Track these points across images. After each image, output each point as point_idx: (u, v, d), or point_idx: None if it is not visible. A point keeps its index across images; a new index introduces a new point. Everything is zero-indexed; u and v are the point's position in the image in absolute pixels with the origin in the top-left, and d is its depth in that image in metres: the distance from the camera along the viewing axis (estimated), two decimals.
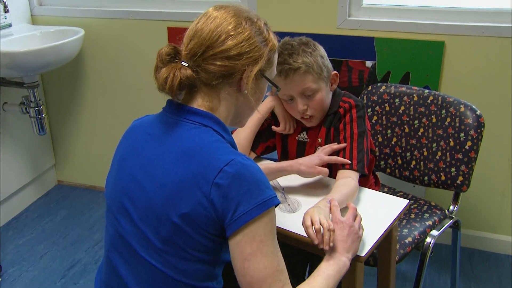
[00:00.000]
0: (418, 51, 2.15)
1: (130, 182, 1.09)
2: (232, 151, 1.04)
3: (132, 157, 1.11)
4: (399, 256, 1.59)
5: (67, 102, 2.84)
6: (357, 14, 2.23)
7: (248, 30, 1.08)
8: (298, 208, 1.40)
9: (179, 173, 1.01)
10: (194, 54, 1.06)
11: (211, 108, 1.09)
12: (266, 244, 1.00)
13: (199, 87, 1.09)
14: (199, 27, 1.08)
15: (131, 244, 1.07)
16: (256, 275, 1.00)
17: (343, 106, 1.52)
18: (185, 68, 1.05)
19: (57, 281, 2.24)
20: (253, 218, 0.98)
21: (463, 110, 1.76)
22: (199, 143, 1.03)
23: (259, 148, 1.64)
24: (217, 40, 1.05)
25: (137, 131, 1.15)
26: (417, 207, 1.86)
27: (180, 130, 1.06)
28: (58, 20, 2.65)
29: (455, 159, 1.75)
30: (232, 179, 0.98)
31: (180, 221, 1.00)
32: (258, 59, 1.08)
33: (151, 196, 1.04)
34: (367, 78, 2.26)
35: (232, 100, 1.11)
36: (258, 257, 1.00)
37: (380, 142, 1.98)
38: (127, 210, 1.08)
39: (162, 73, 1.05)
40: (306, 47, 1.48)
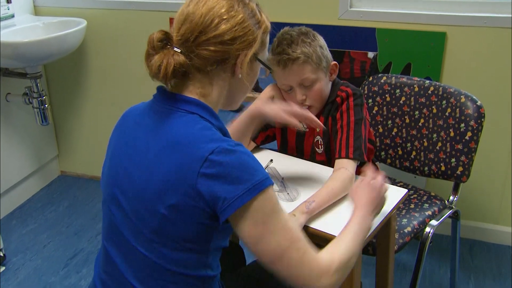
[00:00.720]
0: (420, 42, 2.15)
1: (120, 173, 1.08)
2: (218, 137, 1.00)
3: (123, 147, 1.10)
4: (398, 246, 1.60)
5: (70, 92, 2.86)
6: (358, 4, 2.22)
7: (241, 13, 1.05)
8: (297, 196, 1.41)
9: (165, 164, 1.00)
10: (187, 39, 1.03)
11: (203, 95, 1.07)
12: (271, 223, 0.98)
13: (192, 73, 1.06)
14: (190, 11, 1.05)
15: (124, 234, 1.07)
16: (272, 254, 0.99)
17: (340, 95, 1.53)
18: (178, 54, 1.02)
19: (60, 270, 2.26)
20: (245, 203, 0.96)
21: (463, 100, 1.76)
22: (184, 133, 1.01)
23: (259, 138, 1.65)
24: (210, 24, 1.03)
25: (128, 120, 1.13)
26: (417, 197, 1.86)
27: (168, 120, 1.04)
28: (60, 11, 2.66)
29: (455, 149, 1.76)
30: (218, 168, 0.96)
31: (168, 212, 0.99)
32: (252, 43, 1.06)
33: (140, 187, 1.03)
34: (369, 69, 2.26)
35: (225, 85, 1.09)
36: (267, 238, 0.98)
37: (380, 132, 1.98)
38: (119, 200, 1.07)
39: (155, 61, 1.01)
40: (305, 37, 1.48)
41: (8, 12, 2.49)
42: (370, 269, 1.76)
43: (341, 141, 1.47)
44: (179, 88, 1.07)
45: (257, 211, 0.97)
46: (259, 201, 0.97)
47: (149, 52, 1.04)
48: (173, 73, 1.01)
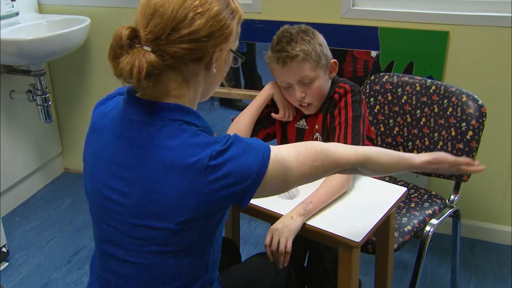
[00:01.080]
0: (422, 41, 2.15)
1: (108, 191, 1.02)
2: (208, 141, 0.97)
3: (105, 163, 1.03)
4: (397, 244, 1.60)
5: (74, 90, 2.87)
6: (361, 3, 2.22)
7: (216, 4, 0.97)
8: (296, 194, 1.41)
9: (166, 186, 0.95)
10: (158, 37, 0.93)
11: (179, 96, 1.00)
12: (288, 177, 1.03)
13: (165, 72, 0.97)
14: (159, 3, 0.94)
15: (119, 246, 1.04)
16: (301, 182, 1.07)
17: (338, 92, 1.53)
18: (149, 53, 0.93)
19: (62, 266, 2.27)
20: (261, 182, 0.98)
21: (465, 100, 1.76)
22: (175, 149, 0.95)
23: (259, 135, 1.65)
24: (183, 20, 0.93)
25: (104, 129, 1.05)
26: (417, 196, 1.86)
27: (150, 132, 0.97)
28: (64, 9, 2.67)
29: (456, 148, 1.76)
30: (221, 170, 0.95)
31: (179, 226, 0.97)
32: (228, 37, 1.00)
33: (138, 208, 0.99)
34: (371, 68, 2.26)
35: (201, 80, 1.03)
36: (291, 184, 1.06)
37: (382, 131, 1.99)
38: (109, 219, 1.04)
39: (126, 63, 0.92)
40: (304, 35, 1.48)
41: (12, 10, 2.50)
42: (369, 268, 1.76)
43: (339, 138, 1.48)
44: (153, 92, 0.99)
45: (274, 179, 1.00)
46: (272, 170, 0.99)
47: (115, 52, 0.94)
48: (146, 76, 0.92)
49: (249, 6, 2.34)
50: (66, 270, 2.25)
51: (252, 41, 2.44)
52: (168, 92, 0.99)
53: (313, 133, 1.59)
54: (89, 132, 1.10)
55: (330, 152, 1.09)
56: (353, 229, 1.27)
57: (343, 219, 1.32)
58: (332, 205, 1.37)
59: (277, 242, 1.29)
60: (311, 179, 1.09)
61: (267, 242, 1.31)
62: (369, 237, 1.47)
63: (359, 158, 1.13)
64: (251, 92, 2.54)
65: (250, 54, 2.52)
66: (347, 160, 1.11)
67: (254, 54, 2.51)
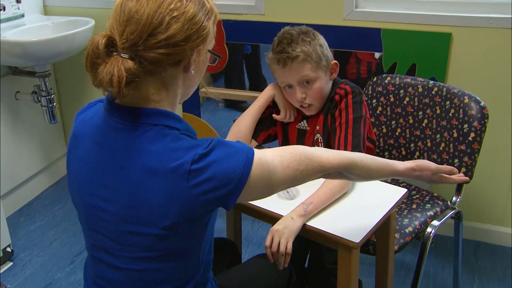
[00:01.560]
0: (425, 42, 2.15)
1: (95, 199, 1.02)
2: (190, 144, 0.96)
3: (88, 171, 1.03)
4: (398, 246, 1.60)
5: (78, 91, 2.89)
6: (364, 5, 2.23)
7: (191, 6, 0.95)
8: (296, 195, 1.42)
9: (149, 191, 0.95)
10: (134, 43, 0.92)
11: (158, 100, 0.99)
12: (273, 180, 1.02)
13: (143, 78, 0.95)
14: (133, 9, 0.93)
15: (108, 252, 1.05)
16: (286, 186, 1.07)
17: (338, 93, 1.54)
18: (127, 60, 0.91)
19: (66, 266, 2.29)
20: (245, 184, 0.97)
21: (467, 101, 1.75)
22: (157, 154, 0.95)
23: (260, 136, 1.66)
24: (159, 25, 0.92)
25: (85, 137, 1.05)
26: (419, 198, 1.86)
27: (131, 138, 0.97)
28: (69, 10, 2.69)
29: (458, 150, 1.75)
30: (204, 173, 0.94)
31: (164, 231, 0.97)
32: (205, 38, 0.99)
33: (123, 214, 0.99)
34: (375, 69, 2.26)
35: (179, 83, 1.02)
36: (277, 188, 1.05)
37: (384, 133, 1.99)
38: (97, 226, 1.04)
39: (105, 73, 0.90)
40: (305, 36, 1.49)
41: (18, 11, 2.53)
42: (370, 269, 1.76)
43: (340, 139, 1.48)
44: (133, 98, 0.98)
45: (257, 182, 0.99)
46: (254, 174, 0.98)
47: (93, 62, 0.92)
48: (126, 84, 0.91)
49: (252, 8, 2.35)
50: (69, 270, 2.26)
51: (256, 43, 2.45)
52: (148, 97, 0.98)
53: (314, 134, 1.60)
54: (71, 141, 1.09)
55: (315, 156, 1.09)
56: (352, 230, 1.27)
57: (343, 219, 1.32)
58: (332, 206, 1.38)
59: (277, 243, 1.30)
60: (296, 182, 1.09)
61: (268, 244, 1.31)
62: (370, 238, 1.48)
63: (343, 162, 1.13)
64: (255, 94, 2.54)
65: (254, 56, 2.52)
66: (332, 164, 1.12)
67: (259, 55, 2.52)
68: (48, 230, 2.55)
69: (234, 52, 2.50)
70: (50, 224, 2.60)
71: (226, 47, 2.46)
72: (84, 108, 1.12)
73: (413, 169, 1.27)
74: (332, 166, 1.12)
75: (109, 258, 1.05)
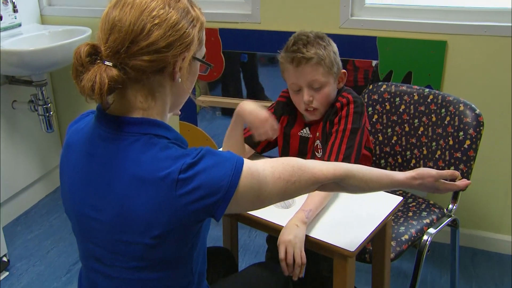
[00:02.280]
0: (420, 50, 2.16)
1: (86, 209, 1.02)
2: (179, 154, 0.96)
3: (80, 181, 1.03)
4: (395, 254, 1.60)
5: (75, 100, 2.89)
6: (359, 13, 2.24)
7: (174, 14, 0.96)
8: (292, 204, 1.42)
9: (137, 200, 0.95)
10: (117, 51, 0.93)
11: (146, 108, 0.99)
12: (263, 191, 1.01)
13: (129, 86, 0.97)
14: (117, 18, 0.94)
15: (102, 262, 1.05)
16: (277, 198, 1.06)
17: (340, 101, 1.54)
18: (110, 68, 0.92)
19: (62, 275, 2.28)
20: (233, 194, 0.96)
21: (462, 109, 1.76)
22: (146, 163, 0.95)
23: (259, 146, 1.65)
24: (141, 32, 0.93)
25: (77, 148, 1.05)
26: (415, 205, 1.86)
27: (121, 148, 0.97)
28: (66, 20, 2.70)
29: (454, 158, 1.76)
30: (192, 182, 0.93)
31: (155, 241, 0.97)
32: (189, 45, 0.98)
33: (113, 224, 0.99)
34: (371, 77, 2.27)
35: (167, 91, 1.02)
36: (266, 199, 1.03)
37: (380, 141, 1.99)
38: (90, 236, 1.04)
39: (87, 80, 0.91)
40: (321, 40, 1.51)
41: (15, 21, 2.54)
42: (367, 277, 1.76)
43: (333, 145, 1.49)
44: (120, 107, 0.99)
45: (245, 192, 0.98)
46: (244, 184, 0.98)
47: (77, 70, 0.93)
48: (108, 91, 0.92)
49: (249, 17, 2.36)
50: (66, 280, 2.25)
51: (253, 51, 2.46)
52: (135, 105, 0.99)
53: (313, 140, 1.60)
54: (63, 152, 1.09)
55: (308, 168, 1.08)
56: (348, 239, 1.27)
57: (338, 228, 1.32)
58: (327, 214, 1.37)
59: (292, 255, 1.27)
60: (288, 195, 1.07)
61: (282, 256, 1.28)
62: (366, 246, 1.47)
63: (338, 173, 1.13)
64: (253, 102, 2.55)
65: (251, 64, 2.53)
66: (326, 175, 1.11)
67: (256, 64, 2.52)
68: (45, 239, 2.54)
69: (231, 61, 2.51)
70: (46, 234, 2.59)
71: (223, 55, 2.47)
72: (77, 119, 1.13)
73: (414, 178, 1.25)
74: (326, 177, 1.11)
75: (101, 267, 1.05)
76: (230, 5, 2.43)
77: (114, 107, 1.01)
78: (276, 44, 2.35)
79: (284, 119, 1.66)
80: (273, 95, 2.55)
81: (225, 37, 2.41)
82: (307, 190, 1.11)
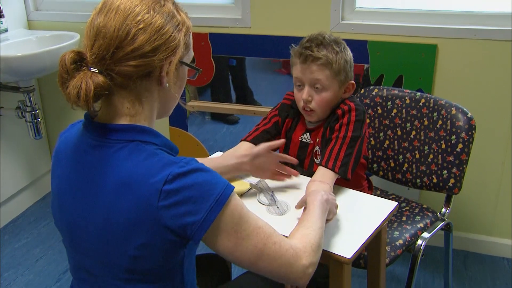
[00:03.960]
0: (411, 54, 2.16)
1: (75, 219, 1.01)
2: (166, 161, 0.94)
3: (69, 190, 1.02)
4: (389, 259, 1.60)
5: (63, 106, 2.86)
6: (350, 17, 2.24)
7: (159, 18, 0.95)
8: (286, 210, 1.40)
9: (122, 206, 0.93)
10: (102, 57, 0.93)
11: (133, 114, 0.98)
12: (243, 229, 0.97)
13: (116, 92, 0.96)
14: (101, 24, 0.93)
15: (93, 274, 1.03)
16: (251, 256, 0.99)
17: (342, 108, 1.52)
18: (96, 74, 0.92)
19: (52, 285, 2.24)
20: (213, 221, 0.93)
21: (454, 112, 1.76)
22: (131, 169, 0.93)
23: None
24: (126, 37, 0.92)
25: (66, 156, 1.04)
26: (409, 210, 1.86)
27: (108, 155, 0.96)
28: (54, 25, 2.67)
29: (446, 161, 1.76)
30: (176, 196, 0.91)
31: (138, 251, 0.95)
32: (175, 49, 0.97)
33: (101, 231, 0.97)
34: (361, 81, 2.27)
35: (155, 97, 1.01)
36: (243, 244, 0.97)
37: (372, 145, 1.99)
38: (80, 247, 1.03)
39: (72, 87, 0.90)
40: (336, 45, 1.50)
41: (1, 26, 2.50)
42: (362, 282, 1.75)
43: (332, 151, 1.47)
44: (107, 113, 0.99)
45: (226, 223, 0.96)
46: (226, 212, 0.95)
47: (63, 78, 0.93)
48: (94, 97, 0.91)
49: (239, 21, 2.35)
50: None
51: (242, 56, 2.44)
52: (122, 112, 0.98)
53: (313, 146, 1.59)
54: (53, 161, 1.08)
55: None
56: (344, 245, 1.26)
57: (334, 234, 1.31)
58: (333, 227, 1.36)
59: None
60: (267, 255, 1.01)
61: None
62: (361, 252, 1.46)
63: None
64: (241, 107, 2.54)
65: (240, 69, 2.52)
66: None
67: (244, 68, 2.51)
68: (33, 248, 2.50)
69: (220, 65, 2.49)
70: (35, 242, 2.55)
71: (213, 60, 2.46)
72: (68, 128, 1.11)
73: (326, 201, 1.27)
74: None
75: (92, 279, 1.03)
76: (220, 9, 2.41)
77: (101, 114, 1.00)
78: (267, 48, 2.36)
79: (288, 122, 1.65)
80: (262, 99, 2.54)
81: (215, 41, 2.40)
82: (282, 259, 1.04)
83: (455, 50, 2.11)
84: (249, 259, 0.99)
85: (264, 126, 1.66)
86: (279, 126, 1.66)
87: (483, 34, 2.06)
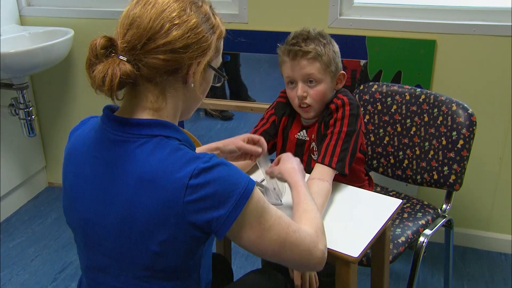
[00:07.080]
0: (410, 49, 2.15)
1: (91, 216, 1.00)
2: (190, 156, 0.93)
3: (87, 186, 1.00)
4: (392, 256, 1.59)
5: (57, 103, 2.82)
6: (348, 13, 2.22)
7: (194, 17, 0.96)
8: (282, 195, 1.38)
9: (146, 202, 0.92)
10: (133, 46, 0.93)
11: (157, 109, 0.98)
12: (266, 220, 0.98)
13: (141, 84, 0.96)
14: (137, 14, 0.94)
15: (108, 274, 1.02)
16: (276, 246, 0.99)
17: (335, 102, 1.51)
18: (124, 63, 0.92)
19: (48, 284, 2.21)
20: (238, 215, 0.93)
21: (455, 108, 1.75)
22: (155, 165, 0.92)
23: None
24: (159, 30, 0.92)
25: (82, 153, 1.02)
26: (410, 207, 1.85)
27: (129, 150, 0.95)
28: (47, 20, 2.62)
29: (447, 157, 1.75)
30: (201, 190, 0.91)
31: (160, 248, 0.94)
32: (206, 50, 0.98)
33: (121, 228, 0.96)
34: (359, 77, 2.26)
35: (179, 95, 1.00)
36: (267, 235, 0.98)
37: (372, 141, 1.98)
38: (96, 245, 1.01)
39: (99, 71, 0.91)
40: (322, 38, 1.50)
41: None
42: (365, 280, 1.74)
43: (328, 147, 1.46)
44: (130, 106, 0.99)
45: (250, 217, 0.96)
46: (250, 206, 0.95)
47: (91, 61, 0.93)
48: (119, 84, 0.92)
49: (236, 17, 2.33)
50: None
51: (236, 51, 2.42)
52: (145, 105, 0.98)
53: (309, 143, 1.58)
54: (66, 159, 1.07)
55: None
56: (350, 244, 1.24)
57: (339, 233, 1.30)
58: (326, 220, 1.35)
59: (307, 279, 1.28)
60: (290, 242, 1.02)
61: (299, 283, 1.27)
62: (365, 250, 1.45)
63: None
64: (236, 103, 2.52)
65: (234, 64, 2.50)
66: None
67: (239, 64, 2.49)
68: (28, 247, 2.47)
69: None
70: (30, 241, 2.51)
71: None
72: (79, 125, 1.10)
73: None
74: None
75: (107, 278, 1.02)
76: (217, 4, 2.32)
77: (122, 108, 0.99)
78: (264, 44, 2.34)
79: (285, 120, 1.64)
80: (256, 95, 2.52)
81: None
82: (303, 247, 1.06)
83: (454, 45, 2.10)
84: (272, 249, 1.00)
85: (263, 127, 1.65)
86: (276, 124, 1.65)
87: (482, 29, 2.05)
